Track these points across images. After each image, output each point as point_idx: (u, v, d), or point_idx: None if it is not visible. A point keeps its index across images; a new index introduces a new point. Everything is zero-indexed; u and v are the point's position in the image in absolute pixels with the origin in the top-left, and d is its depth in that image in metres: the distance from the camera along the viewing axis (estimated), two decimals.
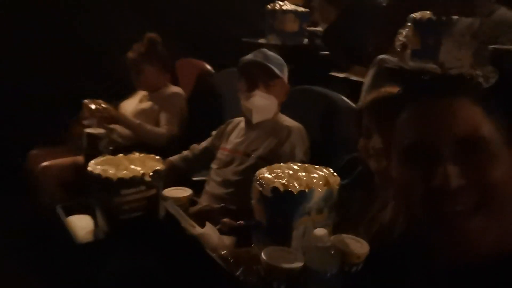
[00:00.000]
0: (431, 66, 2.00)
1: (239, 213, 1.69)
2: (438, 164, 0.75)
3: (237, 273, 1.28)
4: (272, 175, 1.36)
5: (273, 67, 1.98)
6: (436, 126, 0.78)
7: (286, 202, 1.30)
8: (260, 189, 1.34)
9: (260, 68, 1.97)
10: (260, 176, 1.37)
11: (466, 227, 0.74)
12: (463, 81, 0.83)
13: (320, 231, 1.15)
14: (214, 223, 1.52)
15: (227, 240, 1.46)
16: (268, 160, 1.85)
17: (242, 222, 1.62)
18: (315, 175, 1.37)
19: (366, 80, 2.42)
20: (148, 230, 1.52)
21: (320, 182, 1.34)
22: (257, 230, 1.40)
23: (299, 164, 1.45)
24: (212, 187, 1.99)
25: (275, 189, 1.30)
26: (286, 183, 1.31)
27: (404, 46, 2.19)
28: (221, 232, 1.49)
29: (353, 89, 2.56)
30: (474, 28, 2.01)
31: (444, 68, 2.03)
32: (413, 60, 2.09)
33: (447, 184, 0.73)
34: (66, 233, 1.59)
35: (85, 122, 2.61)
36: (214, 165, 2.04)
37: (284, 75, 2.03)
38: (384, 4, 3.37)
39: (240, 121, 2.13)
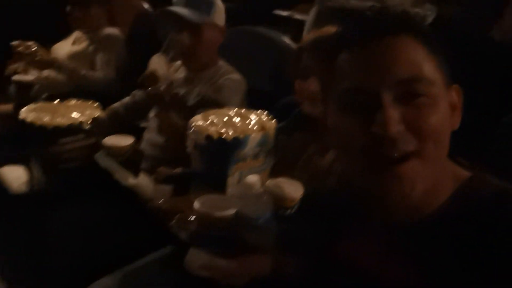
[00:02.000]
0: (374, 4, 1.95)
1: (178, 161, 1.66)
2: (377, 108, 0.72)
3: (171, 223, 1.27)
4: (207, 122, 1.33)
5: (188, 13, 1.84)
6: (376, 67, 0.73)
7: (220, 150, 1.28)
8: (195, 137, 1.31)
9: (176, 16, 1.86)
10: (194, 124, 1.33)
11: (400, 172, 0.72)
12: (406, 17, 0.77)
13: (251, 178, 1.14)
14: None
15: (164, 189, 1.44)
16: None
17: (178, 169, 1.58)
18: (251, 121, 1.34)
19: (308, 19, 2.36)
20: (89, 180, 1.48)
21: (256, 128, 1.32)
22: (194, 178, 1.38)
23: (236, 110, 1.42)
24: (151, 135, 1.94)
25: (208, 137, 1.27)
26: (220, 130, 1.28)
27: None
28: (157, 181, 1.46)
29: (299, 29, 2.49)
30: None
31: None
32: None
33: (386, 129, 0.70)
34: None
35: (14, 67, 2.46)
36: (152, 112, 1.98)
37: (213, 16, 1.88)
38: None
39: (181, 65, 2.04)
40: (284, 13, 2.95)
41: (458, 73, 0.79)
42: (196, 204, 1.18)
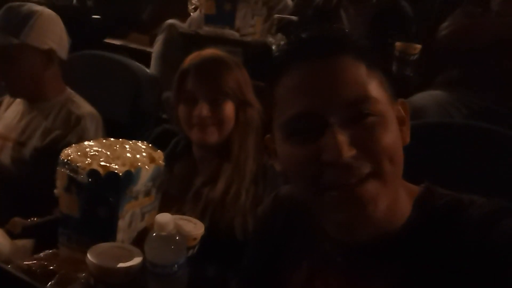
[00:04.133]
0: (228, 31, 1.95)
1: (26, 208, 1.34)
2: (326, 134, 0.67)
3: (49, 285, 0.99)
4: (84, 155, 1.09)
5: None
6: (321, 91, 0.69)
7: (109, 188, 1.05)
8: (72, 174, 1.05)
9: None
10: (68, 157, 1.07)
11: (359, 194, 0.67)
12: (345, 38, 0.74)
13: (163, 217, 0.95)
14: None
15: (23, 244, 1.13)
16: (48, 153, 1.52)
17: (34, 219, 1.27)
18: (138, 152, 1.14)
19: (156, 47, 2.24)
20: None
21: (145, 159, 1.13)
22: (66, 226, 1.11)
23: (113, 140, 1.20)
24: None
25: (93, 173, 1.04)
26: (106, 164, 1.06)
27: (196, 10, 2.08)
28: (13, 235, 1.14)
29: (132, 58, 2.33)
30: None
31: (240, 34, 2.01)
32: (207, 25, 2.00)
33: (338, 156, 0.65)
34: None
35: None
36: None
37: (24, 37, 1.56)
38: None
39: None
40: (117, 42, 2.75)
41: None
42: (91, 256, 0.94)
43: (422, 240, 0.71)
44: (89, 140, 1.42)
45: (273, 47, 1.98)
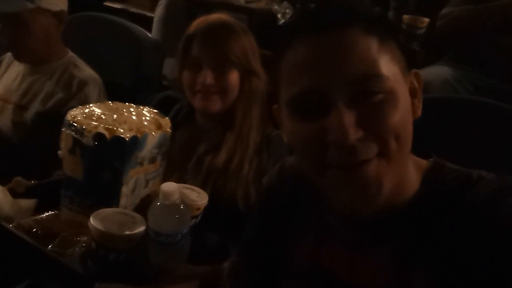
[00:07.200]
0: None
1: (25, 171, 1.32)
2: (332, 114, 0.64)
3: (51, 247, 0.98)
4: (90, 118, 1.07)
5: None
6: (326, 67, 0.65)
7: (114, 152, 1.03)
8: (77, 136, 1.03)
9: None
10: (74, 119, 1.05)
11: (363, 174, 0.65)
12: (353, 8, 0.69)
13: (168, 186, 0.94)
14: None
15: (25, 204, 1.12)
16: (50, 118, 1.52)
17: (34, 181, 1.25)
18: (145, 118, 1.13)
19: (158, 11, 2.19)
20: None
21: (152, 126, 1.11)
22: (68, 188, 1.10)
23: (120, 104, 1.18)
24: None
25: (99, 136, 1.02)
26: (111, 127, 1.04)
27: None
28: (15, 194, 1.13)
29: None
30: None
31: (245, 1, 1.96)
32: None
33: (344, 138, 0.63)
34: None
35: None
36: None
37: (38, 1, 1.55)
38: None
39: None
40: (118, 6, 2.69)
41: None
42: (94, 222, 0.93)
43: (429, 214, 0.70)
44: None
45: (279, 16, 1.94)
